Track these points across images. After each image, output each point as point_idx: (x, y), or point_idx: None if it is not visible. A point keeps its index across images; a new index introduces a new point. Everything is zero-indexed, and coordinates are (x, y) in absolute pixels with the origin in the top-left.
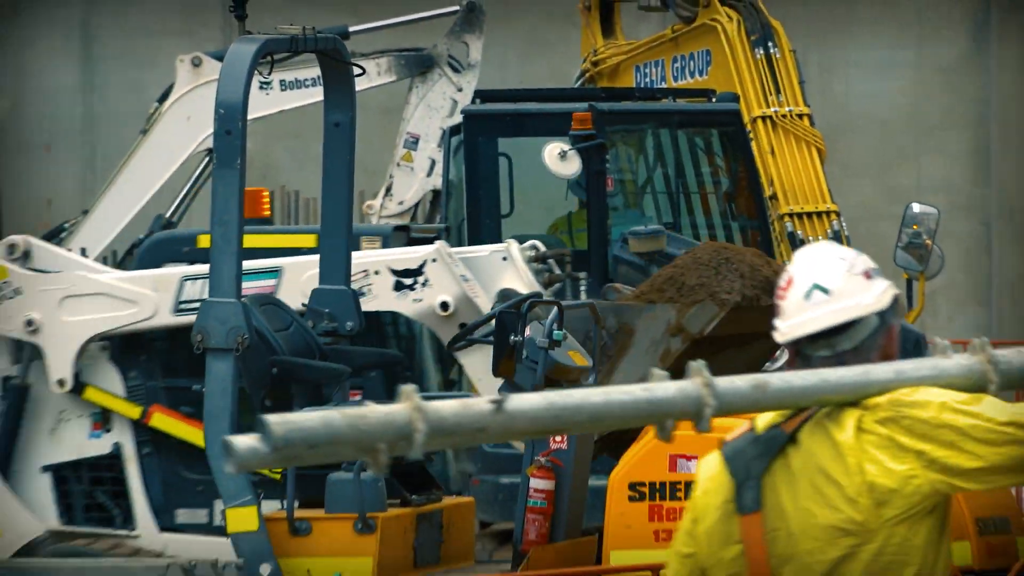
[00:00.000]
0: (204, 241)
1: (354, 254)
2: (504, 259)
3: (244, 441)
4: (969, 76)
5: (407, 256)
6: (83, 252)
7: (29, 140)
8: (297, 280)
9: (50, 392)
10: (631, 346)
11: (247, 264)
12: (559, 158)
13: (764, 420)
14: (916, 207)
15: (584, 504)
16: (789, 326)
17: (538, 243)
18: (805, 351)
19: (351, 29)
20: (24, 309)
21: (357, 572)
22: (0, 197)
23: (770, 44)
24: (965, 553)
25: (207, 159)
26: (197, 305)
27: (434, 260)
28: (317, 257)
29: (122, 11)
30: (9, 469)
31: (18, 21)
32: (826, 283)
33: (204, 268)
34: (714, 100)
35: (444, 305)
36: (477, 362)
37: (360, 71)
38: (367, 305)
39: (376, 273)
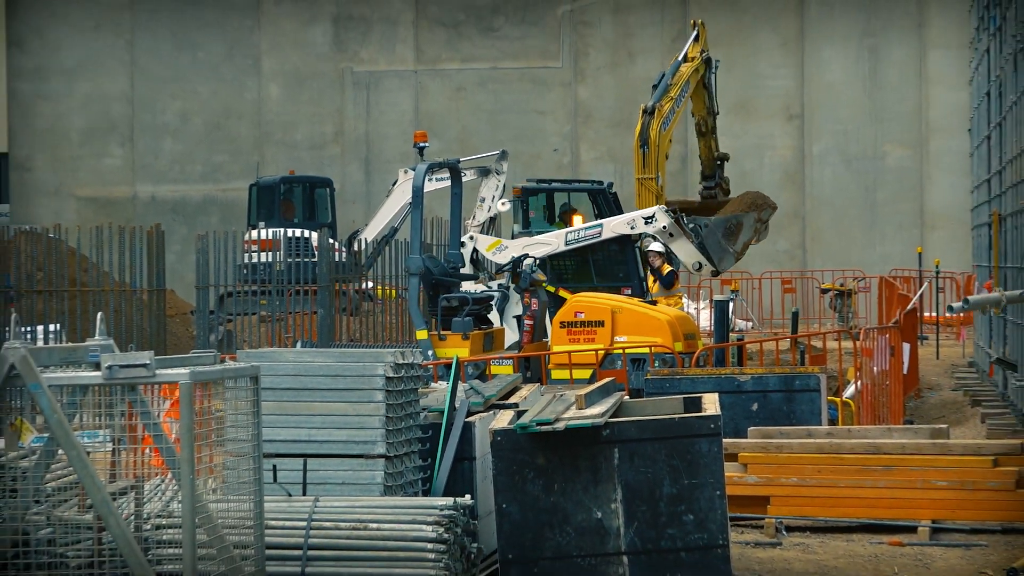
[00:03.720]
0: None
1: (622, 216)
2: (665, 212)
3: (976, 297)
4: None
5: (645, 211)
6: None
7: (346, 199)
8: (610, 226)
9: None
10: (742, 229)
11: (586, 223)
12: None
13: None
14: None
15: (544, 330)
16: None
17: (670, 211)
18: None
19: (460, 159)
20: (511, 252)
21: (463, 353)
22: (337, 221)
23: (646, 146)
24: (680, 346)
25: (408, 207)
26: (577, 241)
27: (656, 211)
28: (618, 216)
29: (378, 151)
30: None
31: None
32: None
33: (581, 224)
34: (595, 183)
35: (664, 227)
36: (681, 251)
37: (464, 174)
38: (630, 231)
39: (634, 219)
